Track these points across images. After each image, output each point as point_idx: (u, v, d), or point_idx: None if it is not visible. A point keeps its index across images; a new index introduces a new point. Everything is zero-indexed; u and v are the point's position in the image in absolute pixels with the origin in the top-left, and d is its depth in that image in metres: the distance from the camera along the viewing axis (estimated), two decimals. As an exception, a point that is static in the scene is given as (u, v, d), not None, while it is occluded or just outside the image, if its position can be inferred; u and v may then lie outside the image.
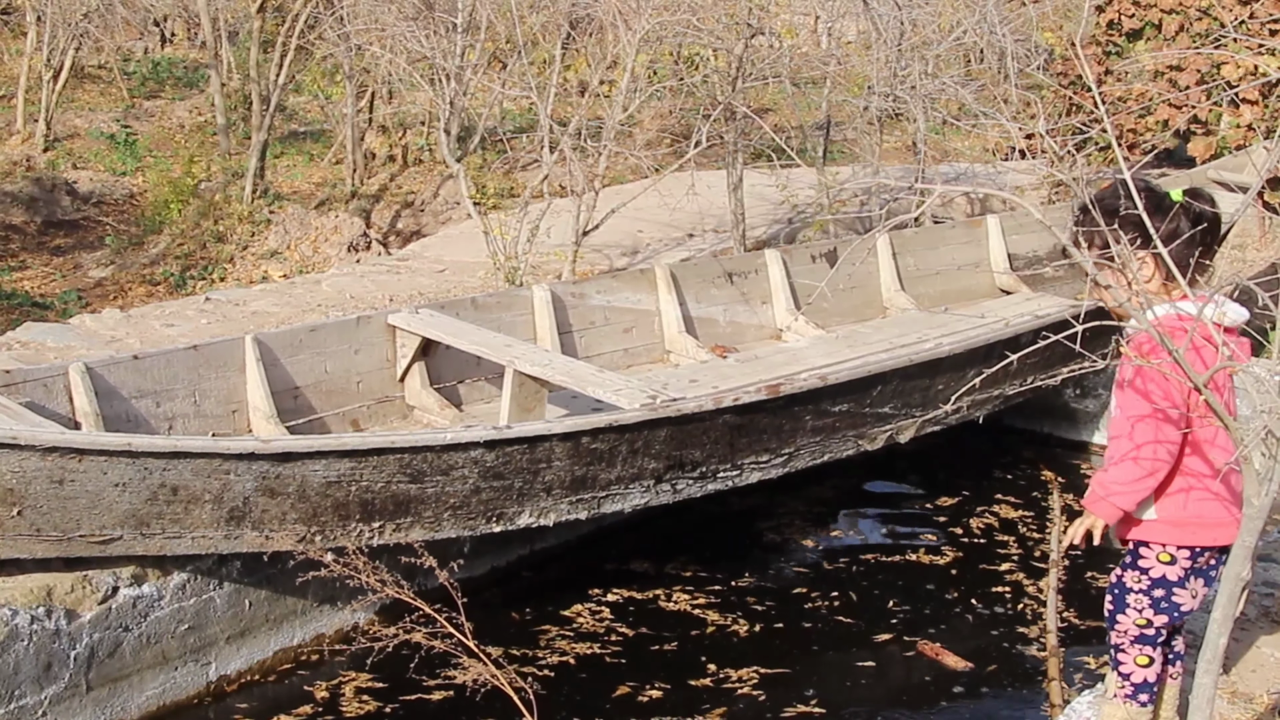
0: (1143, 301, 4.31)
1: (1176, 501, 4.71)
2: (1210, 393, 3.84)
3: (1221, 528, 4.70)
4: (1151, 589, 4.78)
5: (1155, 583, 4.77)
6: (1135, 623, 4.79)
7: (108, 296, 12.97)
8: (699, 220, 12.49)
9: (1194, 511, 4.70)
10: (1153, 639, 4.83)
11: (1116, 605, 4.86)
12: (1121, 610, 4.83)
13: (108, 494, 6.17)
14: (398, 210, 15.78)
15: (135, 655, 6.66)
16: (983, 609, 8.00)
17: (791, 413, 8.01)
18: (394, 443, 6.70)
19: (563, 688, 7.20)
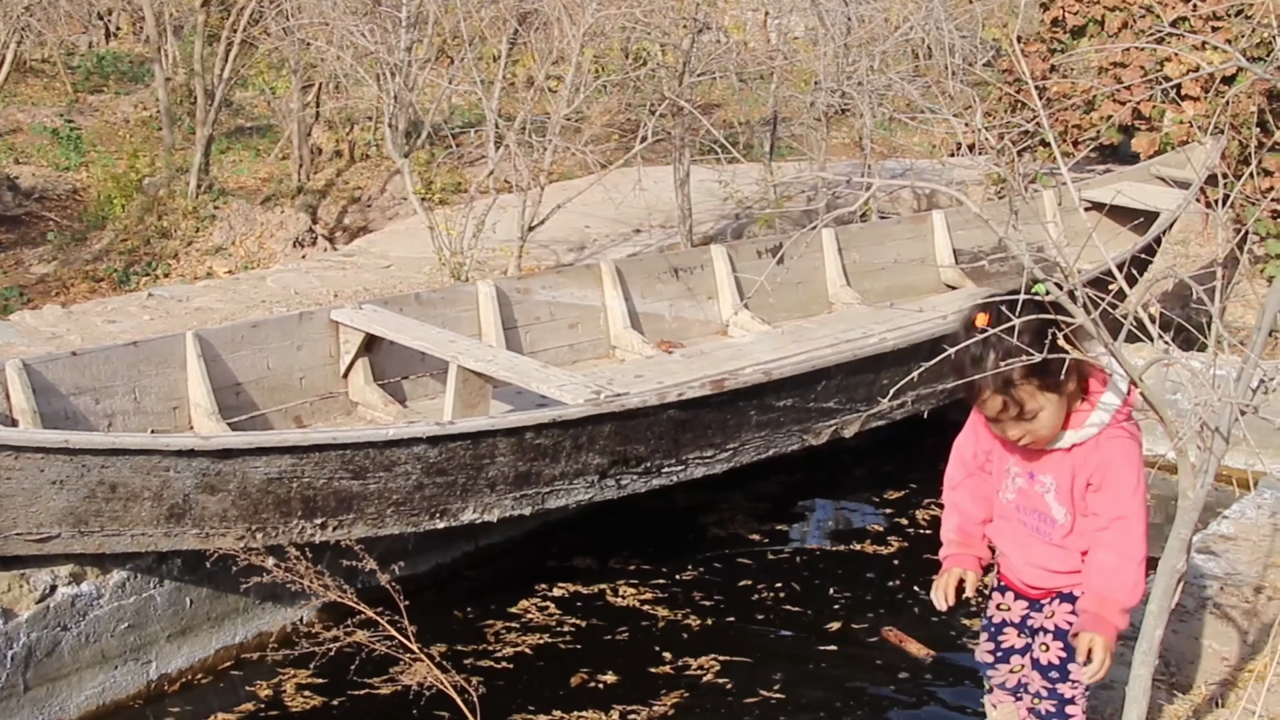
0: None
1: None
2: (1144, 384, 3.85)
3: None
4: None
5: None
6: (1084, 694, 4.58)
7: (50, 293, 12.87)
8: (645, 216, 12.49)
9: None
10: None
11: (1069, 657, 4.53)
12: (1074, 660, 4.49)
13: (45, 492, 6.12)
14: (344, 206, 15.73)
15: (74, 654, 6.61)
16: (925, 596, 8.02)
17: (736, 408, 8.02)
18: (336, 439, 6.67)
19: (519, 678, 7.19)
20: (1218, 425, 3.83)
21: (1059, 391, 4.16)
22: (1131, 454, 4.29)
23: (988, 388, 4.14)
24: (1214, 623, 5.85)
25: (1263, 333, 3.87)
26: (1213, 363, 4.13)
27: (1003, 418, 4.21)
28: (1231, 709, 5.10)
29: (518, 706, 6.89)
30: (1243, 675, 5.39)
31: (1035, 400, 4.15)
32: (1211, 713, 5.10)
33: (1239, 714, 4.89)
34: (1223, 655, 5.57)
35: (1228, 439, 3.85)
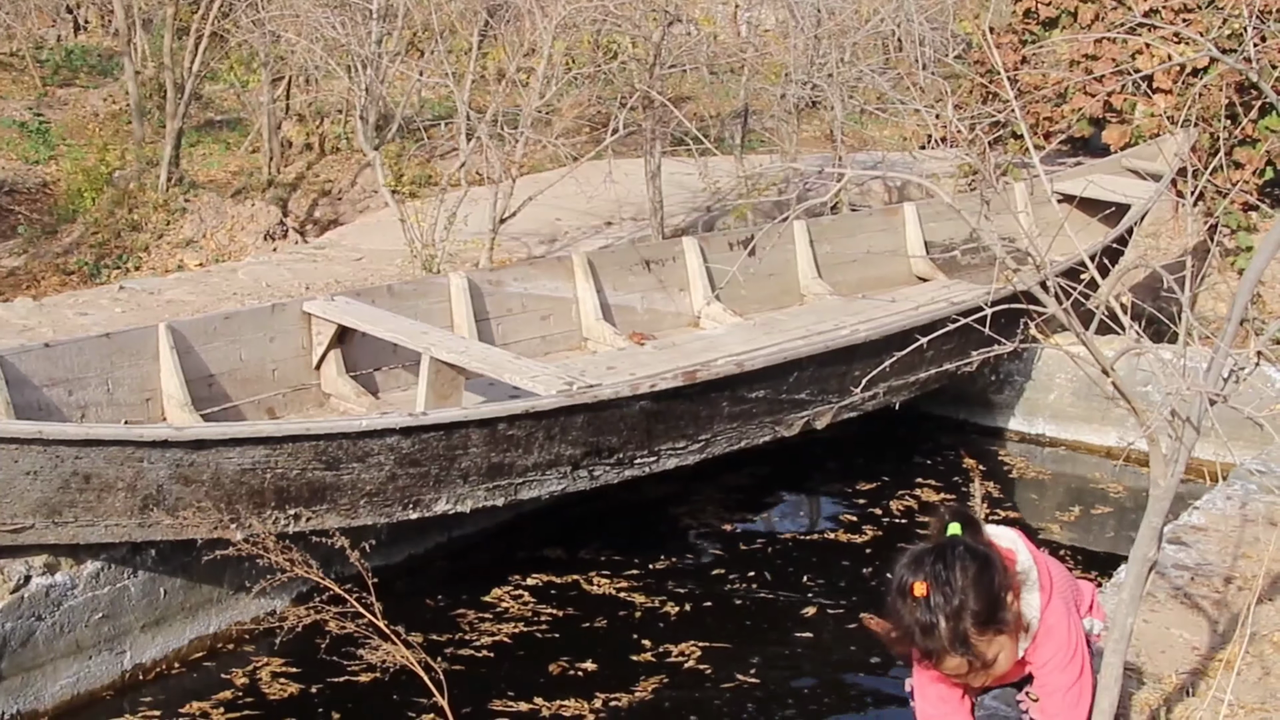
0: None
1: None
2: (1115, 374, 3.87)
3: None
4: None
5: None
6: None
7: (20, 286, 12.84)
8: (617, 208, 12.50)
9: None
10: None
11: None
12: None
13: (19, 482, 6.12)
14: (315, 199, 15.70)
15: (48, 644, 6.62)
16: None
17: (708, 399, 8.04)
18: (309, 430, 6.68)
19: (499, 666, 7.26)
20: (1188, 414, 3.86)
21: (1009, 630, 4.10)
22: (1059, 625, 4.21)
23: (947, 653, 4.08)
24: (1184, 612, 5.87)
25: (1233, 322, 3.90)
26: (1183, 353, 4.15)
27: (962, 672, 4.15)
28: (1201, 697, 5.12)
29: (499, 694, 6.93)
30: (1213, 664, 5.41)
31: (994, 646, 4.07)
32: (1182, 701, 5.12)
33: (1209, 702, 4.91)
34: (1193, 645, 5.59)
35: (1198, 428, 3.87)
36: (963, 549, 3.95)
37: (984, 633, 3.98)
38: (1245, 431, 6.91)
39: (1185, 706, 5.07)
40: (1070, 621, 4.17)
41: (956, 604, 3.92)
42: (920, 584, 3.96)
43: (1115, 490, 9.55)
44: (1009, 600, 4.01)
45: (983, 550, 3.99)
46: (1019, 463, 10.14)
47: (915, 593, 3.96)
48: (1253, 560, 6.33)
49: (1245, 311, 3.92)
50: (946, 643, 3.97)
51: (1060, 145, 13.49)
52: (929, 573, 3.95)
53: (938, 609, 3.93)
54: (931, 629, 3.96)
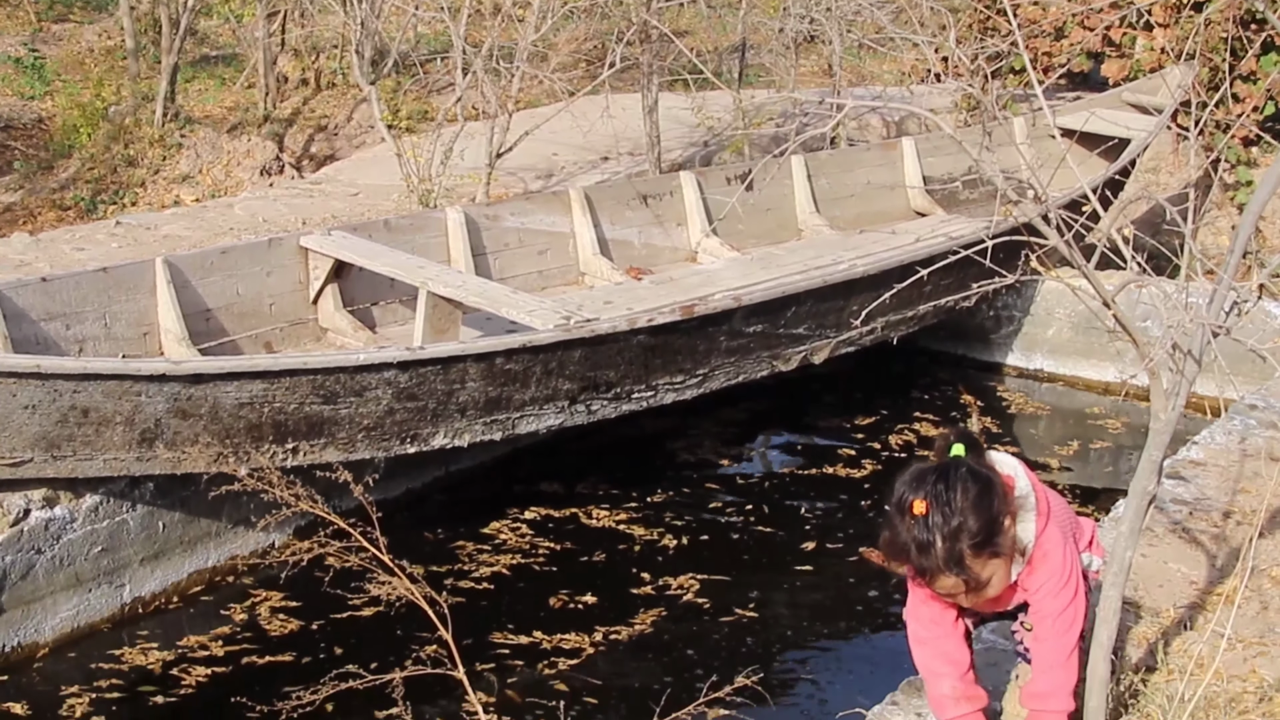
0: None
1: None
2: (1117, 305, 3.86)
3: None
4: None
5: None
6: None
7: (17, 222, 12.80)
8: (614, 143, 12.44)
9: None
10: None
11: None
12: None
13: (17, 416, 6.12)
14: (311, 134, 15.65)
15: (48, 578, 6.64)
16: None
17: (706, 334, 8.03)
18: (307, 364, 6.68)
19: (499, 599, 7.30)
20: (1190, 347, 3.85)
21: (1005, 554, 4.08)
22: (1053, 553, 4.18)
23: (941, 572, 4.07)
24: (1183, 547, 5.88)
25: (1236, 254, 3.88)
26: (1185, 286, 4.14)
27: (956, 592, 4.14)
28: (1200, 631, 5.13)
29: (499, 626, 6.97)
30: (1211, 599, 5.42)
31: (988, 568, 4.05)
32: (1180, 635, 5.13)
33: (1207, 636, 4.92)
34: (1191, 579, 5.60)
35: (1200, 361, 3.86)
36: (965, 471, 3.95)
37: (979, 555, 3.97)
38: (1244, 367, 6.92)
39: (1183, 640, 5.08)
40: (1066, 549, 4.16)
41: (955, 525, 3.92)
42: (920, 502, 3.97)
43: (1113, 426, 9.56)
44: (1006, 524, 4.01)
45: (984, 473, 3.98)
46: (1017, 398, 10.14)
47: (914, 511, 3.97)
48: (1252, 495, 6.34)
49: (1248, 243, 3.91)
50: (941, 562, 3.98)
51: (1059, 80, 13.43)
52: (930, 492, 3.95)
53: (935, 529, 3.94)
54: (928, 548, 3.97)
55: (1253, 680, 4.77)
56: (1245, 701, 4.62)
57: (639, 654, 6.88)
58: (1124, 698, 4.57)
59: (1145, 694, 4.60)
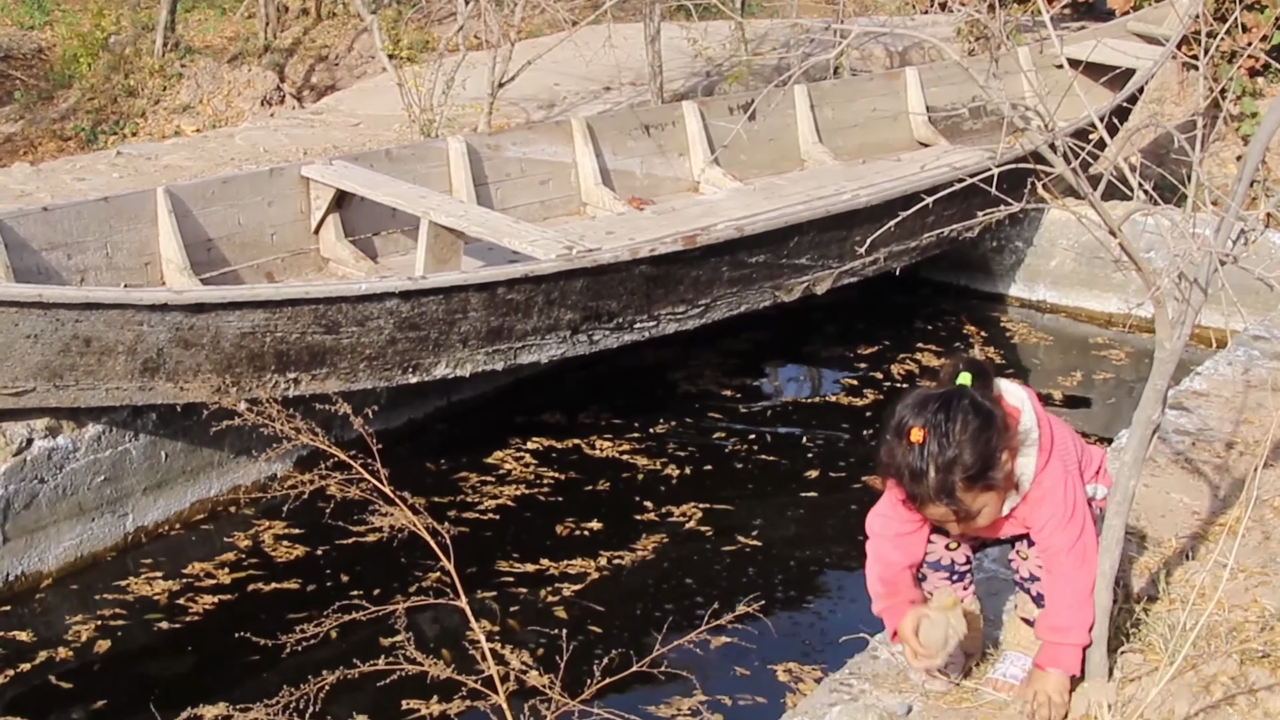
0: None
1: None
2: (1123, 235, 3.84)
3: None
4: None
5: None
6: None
7: (17, 152, 12.78)
8: (616, 73, 12.40)
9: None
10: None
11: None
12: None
13: (19, 346, 6.11)
14: (312, 64, 15.59)
15: (51, 507, 6.65)
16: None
17: (708, 264, 8.02)
18: (308, 293, 6.67)
19: (505, 528, 7.32)
20: (1196, 276, 3.83)
21: (999, 488, 4.06)
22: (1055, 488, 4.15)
23: (931, 501, 4.06)
24: (1185, 477, 5.87)
25: (1243, 183, 3.86)
26: (1191, 215, 4.13)
27: (945, 520, 4.13)
28: (1202, 561, 5.13)
29: (504, 555, 6.99)
30: (1213, 529, 5.41)
31: (979, 501, 4.03)
32: (1182, 565, 5.13)
33: (1210, 566, 4.92)
34: (1193, 509, 5.59)
35: (1206, 290, 3.85)
36: (968, 402, 3.93)
37: (971, 488, 3.96)
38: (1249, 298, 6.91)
39: (1185, 570, 5.08)
40: (1068, 484, 4.15)
41: (950, 456, 3.90)
42: (918, 430, 3.95)
43: (1116, 357, 9.55)
44: (1003, 459, 3.99)
45: (986, 407, 3.96)
46: (1020, 328, 10.13)
47: (911, 437, 3.95)
48: (1255, 426, 6.33)
49: (1255, 172, 3.89)
50: (933, 492, 3.96)
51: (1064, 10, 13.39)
52: (929, 420, 3.93)
53: (930, 458, 3.92)
54: (920, 476, 3.96)
55: (1254, 610, 4.78)
56: (1247, 631, 4.63)
57: (643, 581, 6.89)
58: (1126, 627, 4.58)
59: (1147, 623, 4.60)
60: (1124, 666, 4.35)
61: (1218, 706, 4.14)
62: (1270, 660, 4.40)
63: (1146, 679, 4.25)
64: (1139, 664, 4.38)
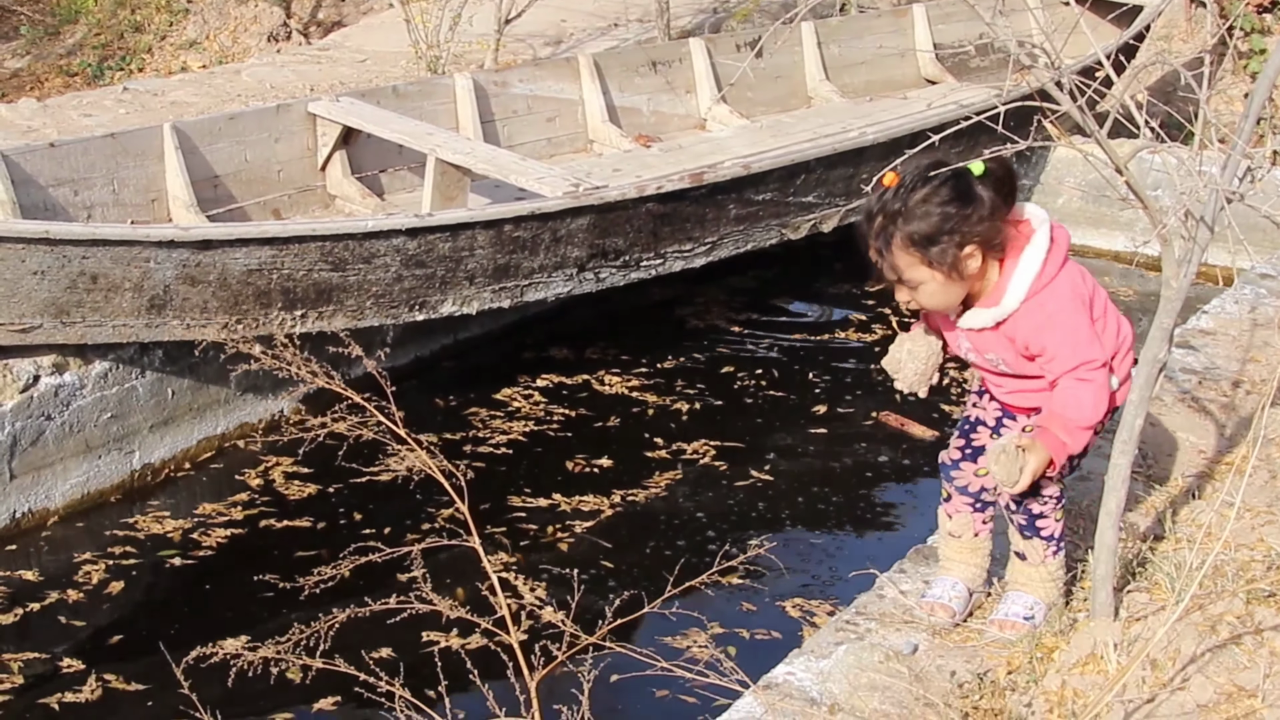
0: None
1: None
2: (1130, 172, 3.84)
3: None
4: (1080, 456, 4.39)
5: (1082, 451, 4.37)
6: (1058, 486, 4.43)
7: (23, 88, 12.76)
8: (623, 10, 12.37)
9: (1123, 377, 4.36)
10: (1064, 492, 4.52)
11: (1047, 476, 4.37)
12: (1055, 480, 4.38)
13: (26, 282, 6.11)
14: (318, 0, 15.56)
15: (58, 444, 6.66)
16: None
17: (715, 201, 8.01)
18: (315, 230, 6.67)
19: (518, 463, 7.35)
20: (1203, 214, 3.83)
21: (942, 271, 4.05)
22: (1062, 312, 4.12)
23: (870, 244, 4.10)
24: (1192, 416, 5.88)
25: (1250, 119, 3.85)
26: (1198, 153, 4.12)
27: (891, 280, 4.16)
28: (1208, 500, 5.14)
29: (516, 490, 7.01)
30: (1219, 468, 5.42)
31: (915, 271, 4.05)
32: (1188, 504, 5.13)
33: (1216, 505, 4.93)
34: (1200, 449, 5.60)
35: (1212, 228, 3.84)
36: (953, 180, 3.94)
37: (907, 249, 4.04)
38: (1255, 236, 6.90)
39: (1191, 509, 5.09)
40: (1078, 319, 4.16)
41: (897, 209, 4.01)
42: (893, 177, 4.06)
43: (1124, 293, 9.52)
44: (957, 244, 4.02)
45: (974, 193, 3.96)
46: (1027, 266, 10.10)
47: (883, 181, 4.08)
48: (1261, 364, 6.34)
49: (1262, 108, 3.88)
50: (871, 234, 4.10)
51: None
52: (907, 174, 4.04)
53: (885, 203, 4.04)
54: (871, 217, 4.09)
55: (1260, 549, 4.78)
56: (1253, 570, 4.64)
57: (654, 518, 6.91)
58: (1132, 565, 4.59)
59: (1153, 562, 4.62)
60: (1130, 605, 4.36)
61: (1224, 646, 4.15)
62: (1277, 599, 4.41)
63: (1153, 618, 4.26)
64: (1145, 603, 4.39)
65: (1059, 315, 4.12)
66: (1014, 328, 4.16)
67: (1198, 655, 4.10)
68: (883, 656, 4.35)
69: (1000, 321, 4.17)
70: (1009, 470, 4.19)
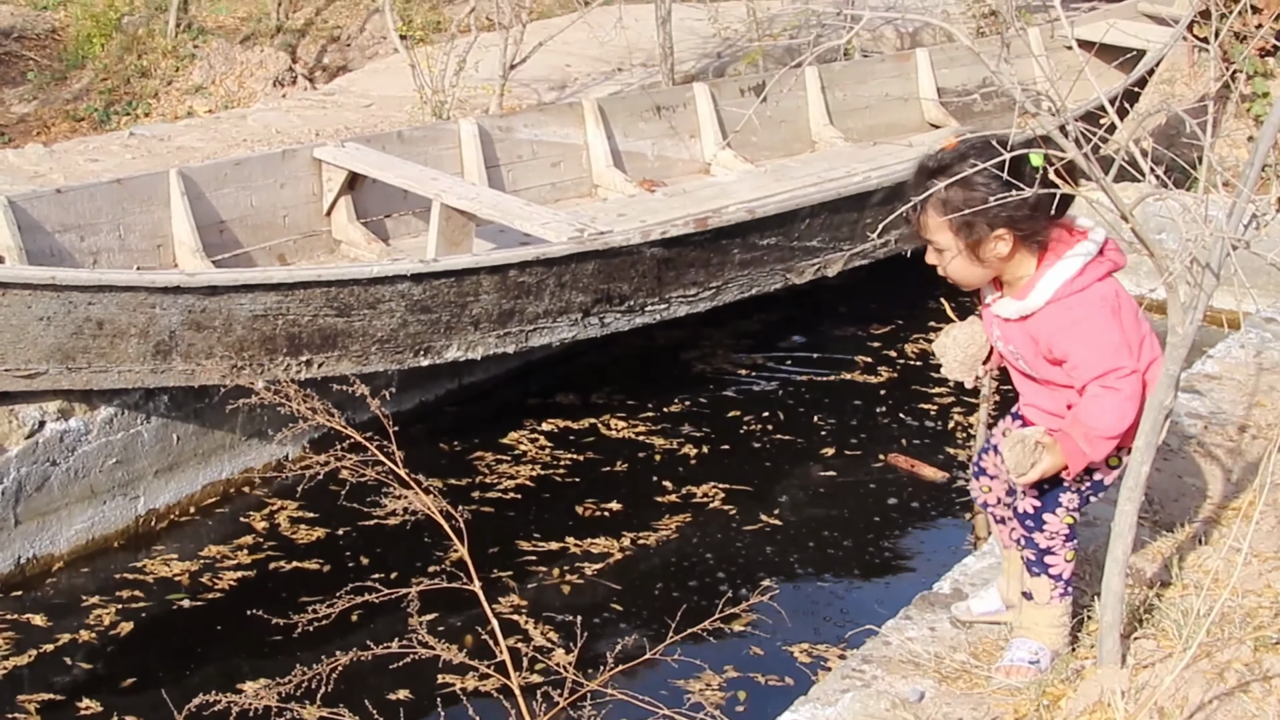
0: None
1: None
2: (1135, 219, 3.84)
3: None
4: (1094, 490, 4.45)
5: (1096, 485, 4.45)
6: (1065, 522, 4.43)
7: (31, 132, 12.79)
8: (627, 54, 12.39)
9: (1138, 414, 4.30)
10: (1075, 534, 4.49)
11: (1045, 506, 4.43)
12: (1051, 511, 4.42)
13: (32, 328, 6.12)
14: (324, 45, 15.58)
15: (63, 489, 6.66)
16: (911, 422, 8.14)
17: (719, 246, 8.02)
18: (320, 276, 6.67)
19: (526, 507, 7.35)
20: (1208, 260, 3.82)
21: (966, 244, 4.09)
22: (1089, 319, 4.12)
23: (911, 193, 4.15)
24: (1198, 461, 5.87)
25: (1255, 166, 3.85)
26: (1203, 198, 4.12)
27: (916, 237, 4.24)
28: (1215, 546, 5.13)
29: (526, 535, 7.01)
30: (1226, 513, 5.41)
31: (940, 235, 4.12)
32: (1195, 550, 5.12)
33: (1223, 551, 4.92)
34: (1206, 494, 5.59)
35: (1218, 275, 3.84)
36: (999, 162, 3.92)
37: (940, 213, 4.11)
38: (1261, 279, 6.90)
39: (1198, 555, 5.08)
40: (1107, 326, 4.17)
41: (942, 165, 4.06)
42: (954, 144, 4.13)
43: (1131, 338, 9.52)
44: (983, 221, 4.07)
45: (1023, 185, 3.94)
46: (1033, 310, 10.10)
47: (945, 145, 4.15)
48: (1268, 409, 6.33)
49: (1267, 156, 3.88)
50: (912, 184, 4.17)
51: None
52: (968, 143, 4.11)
53: (934, 162, 4.11)
54: (919, 173, 4.17)
55: (1268, 595, 4.77)
56: (1261, 616, 4.62)
57: (665, 561, 6.92)
58: (1139, 612, 4.58)
59: (1160, 609, 4.60)
60: (1137, 653, 4.35)
61: (1232, 693, 4.14)
62: (1283, 646, 4.40)
63: (1160, 665, 4.25)
64: (1153, 650, 4.38)
65: (1085, 321, 4.15)
66: (1038, 327, 4.20)
67: (1205, 703, 4.09)
68: (889, 704, 4.33)
69: (1025, 316, 4.21)
70: (1020, 460, 4.22)
